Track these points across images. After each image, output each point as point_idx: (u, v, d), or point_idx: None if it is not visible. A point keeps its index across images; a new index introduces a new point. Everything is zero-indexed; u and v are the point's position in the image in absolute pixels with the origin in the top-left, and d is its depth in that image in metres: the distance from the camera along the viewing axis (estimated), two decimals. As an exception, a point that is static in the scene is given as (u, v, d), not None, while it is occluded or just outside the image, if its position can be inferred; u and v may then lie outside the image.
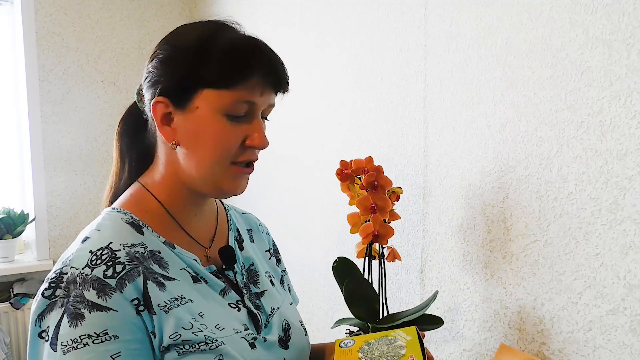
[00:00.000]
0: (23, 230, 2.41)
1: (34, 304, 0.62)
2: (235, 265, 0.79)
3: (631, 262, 0.86)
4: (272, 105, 0.74)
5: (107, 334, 0.59)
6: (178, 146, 0.70)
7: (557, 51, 0.95)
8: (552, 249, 0.98)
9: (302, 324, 0.85)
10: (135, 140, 0.78)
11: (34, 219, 2.44)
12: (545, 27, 0.97)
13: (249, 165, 0.72)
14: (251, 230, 0.91)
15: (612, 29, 0.87)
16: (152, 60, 0.71)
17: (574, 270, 0.94)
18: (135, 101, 0.77)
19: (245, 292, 0.78)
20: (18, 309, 2.32)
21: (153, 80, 0.70)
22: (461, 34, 1.15)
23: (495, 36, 1.07)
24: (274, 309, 0.81)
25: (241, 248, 0.84)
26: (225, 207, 0.89)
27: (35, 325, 0.61)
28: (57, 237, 2.51)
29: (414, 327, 0.77)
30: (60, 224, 2.51)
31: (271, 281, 0.86)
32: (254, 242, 0.89)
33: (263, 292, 0.81)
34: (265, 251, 0.92)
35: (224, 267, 0.78)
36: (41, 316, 0.61)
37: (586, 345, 0.93)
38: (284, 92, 0.74)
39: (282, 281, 0.93)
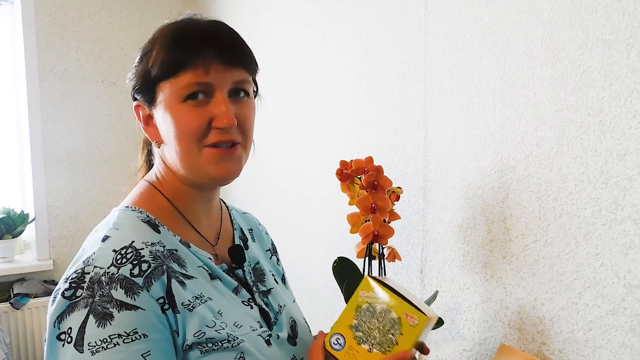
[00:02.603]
0: (23, 230, 2.41)
1: (53, 305, 0.61)
2: (244, 264, 0.80)
3: (631, 262, 0.86)
4: (239, 82, 0.70)
5: (136, 332, 0.59)
6: (162, 144, 0.72)
7: (557, 51, 0.95)
8: (552, 249, 0.98)
9: (305, 321, 0.87)
10: (148, 148, 0.82)
11: (34, 219, 2.44)
12: (545, 27, 0.97)
13: (233, 146, 0.70)
14: (252, 230, 0.92)
15: (612, 29, 0.87)
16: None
17: (574, 270, 0.94)
18: None
19: (255, 290, 0.79)
20: (18, 309, 2.31)
21: (130, 86, 0.73)
22: (461, 34, 1.15)
23: (495, 36, 1.07)
24: (281, 306, 0.82)
25: (246, 247, 0.85)
26: (227, 207, 0.90)
27: (55, 327, 0.59)
28: (57, 237, 2.51)
29: (367, 279, 0.71)
30: (60, 224, 2.51)
31: (275, 279, 0.87)
32: (255, 242, 0.90)
33: (270, 290, 0.82)
34: (267, 250, 0.93)
35: (233, 265, 0.78)
36: (61, 317, 0.59)
37: (586, 345, 0.93)
38: (242, 66, 0.70)
39: (283, 279, 0.94)
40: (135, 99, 0.73)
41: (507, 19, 1.04)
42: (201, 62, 0.66)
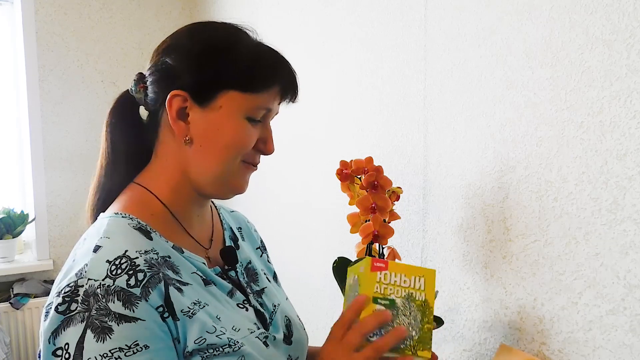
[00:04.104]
0: (23, 230, 2.41)
1: (46, 321, 0.59)
2: (236, 265, 0.79)
3: (631, 262, 0.86)
4: (277, 113, 0.76)
5: (137, 344, 0.57)
6: (191, 142, 0.69)
7: (557, 51, 0.95)
8: (552, 249, 0.98)
9: (299, 318, 0.86)
10: (131, 134, 0.74)
11: (34, 219, 2.44)
12: (545, 27, 0.97)
13: (255, 165, 0.75)
14: (241, 228, 0.91)
15: (612, 29, 0.87)
16: (167, 54, 0.70)
17: (574, 270, 0.94)
18: (127, 90, 0.74)
19: (249, 291, 0.78)
20: (18, 309, 2.32)
21: (170, 73, 0.69)
22: (461, 34, 1.15)
23: (495, 36, 1.07)
24: (275, 305, 0.81)
25: (237, 247, 0.84)
26: (216, 207, 0.88)
27: (50, 342, 0.58)
28: (57, 237, 2.51)
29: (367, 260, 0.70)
30: (60, 224, 2.51)
31: (267, 278, 0.86)
32: (245, 241, 0.89)
33: (263, 289, 0.82)
34: (257, 248, 0.92)
35: (226, 267, 0.77)
36: (56, 333, 0.57)
37: (586, 345, 0.93)
38: (293, 102, 0.76)
39: (275, 277, 0.93)
40: (178, 88, 0.67)
41: (507, 19, 1.04)
42: (279, 92, 0.71)
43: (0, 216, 2.34)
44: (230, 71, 0.67)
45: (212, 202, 0.88)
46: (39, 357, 0.60)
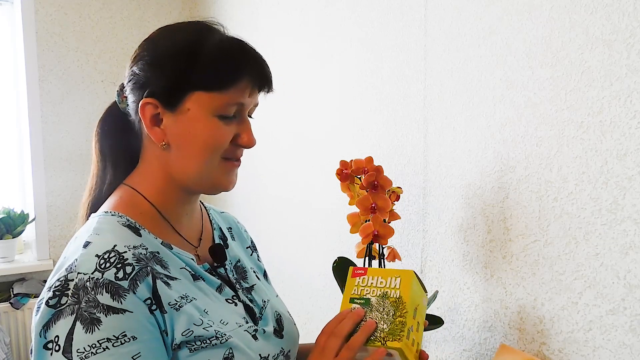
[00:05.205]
0: (23, 230, 2.41)
1: (38, 315, 0.60)
2: (225, 263, 0.81)
3: (631, 262, 0.86)
4: (257, 105, 0.76)
5: (125, 335, 0.59)
6: (168, 146, 0.71)
7: (557, 51, 0.95)
8: (552, 249, 0.98)
9: (290, 314, 0.88)
10: (119, 142, 0.77)
11: (34, 219, 2.44)
12: (545, 27, 0.97)
13: (238, 160, 0.75)
14: (231, 228, 0.93)
15: (612, 29, 0.87)
16: (136, 63, 0.72)
17: (574, 270, 0.94)
18: (115, 101, 0.77)
19: (238, 287, 0.80)
20: (18, 309, 2.32)
21: (140, 82, 0.70)
22: (461, 34, 1.15)
23: (495, 36, 1.07)
24: (265, 301, 0.83)
25: (226, 246, 0.86)
26: (206, 207, 0.90)
27: (41, 336, 0.59)
28: (57, 237, 2.51)
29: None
30: (60, 224, 2.51)
31: (256, 276, 0.88)
32: (235, 240, 0.91)
33: (252, 286, 0.84)
34: (247, 247, 0.94)
35: (215, 264, 0.79)
36: (46, 326, 0.59)
37: (586, 345, 0.93)
38: (268, 92, 0.75)
39: (265, 275, 0.95)
40: (146, 97, 0.69)
41: (507, 19, 1.04)
42: (248, 85, 0.70)
43: (0, 216, 2.34)
44: (193, 73, 0.68)
45: (202, 203, 0.89)
46: (31, 352, 0.61)
